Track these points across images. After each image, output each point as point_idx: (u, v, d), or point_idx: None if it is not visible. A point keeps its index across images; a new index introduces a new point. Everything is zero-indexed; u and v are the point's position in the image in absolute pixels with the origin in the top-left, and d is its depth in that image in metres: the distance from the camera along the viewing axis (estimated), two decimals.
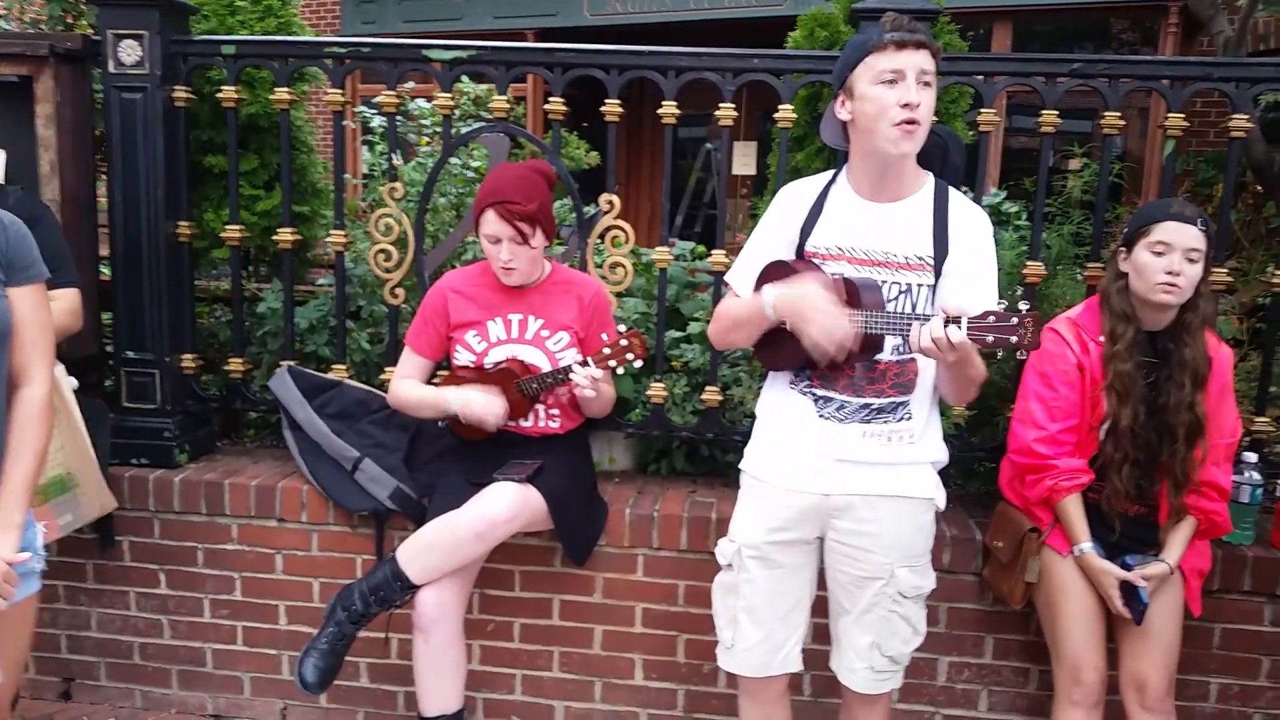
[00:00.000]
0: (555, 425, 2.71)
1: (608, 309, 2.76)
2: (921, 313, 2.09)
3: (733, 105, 2.88)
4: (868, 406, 2.15)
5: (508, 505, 2.47)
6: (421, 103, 4.47)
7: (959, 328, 1.85)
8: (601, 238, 2.97)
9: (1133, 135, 7.72)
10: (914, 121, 1.99)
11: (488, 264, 2.66)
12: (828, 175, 2.24)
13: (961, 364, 1.95)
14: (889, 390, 2.14)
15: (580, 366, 2.53)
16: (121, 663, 3.08)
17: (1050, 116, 2.79)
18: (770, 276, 2.19)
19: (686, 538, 2.81)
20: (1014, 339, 1.82)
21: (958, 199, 2.16)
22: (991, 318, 1.84)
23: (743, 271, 2.28)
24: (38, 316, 1.93)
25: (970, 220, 2.15)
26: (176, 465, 3.03)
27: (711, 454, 3.19)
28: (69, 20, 3.86)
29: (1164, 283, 2.28)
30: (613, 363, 2.54)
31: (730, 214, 8.50)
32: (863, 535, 2.18)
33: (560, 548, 2.80)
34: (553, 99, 2.95)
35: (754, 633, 2.27)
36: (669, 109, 2.90)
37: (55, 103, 2.92)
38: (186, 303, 3.12)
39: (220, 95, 3.04)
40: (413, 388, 2.73)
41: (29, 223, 2.47)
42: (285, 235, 3.10)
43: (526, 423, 2.68)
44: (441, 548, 2.47)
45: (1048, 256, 3.13)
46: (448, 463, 2.76)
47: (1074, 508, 2.40)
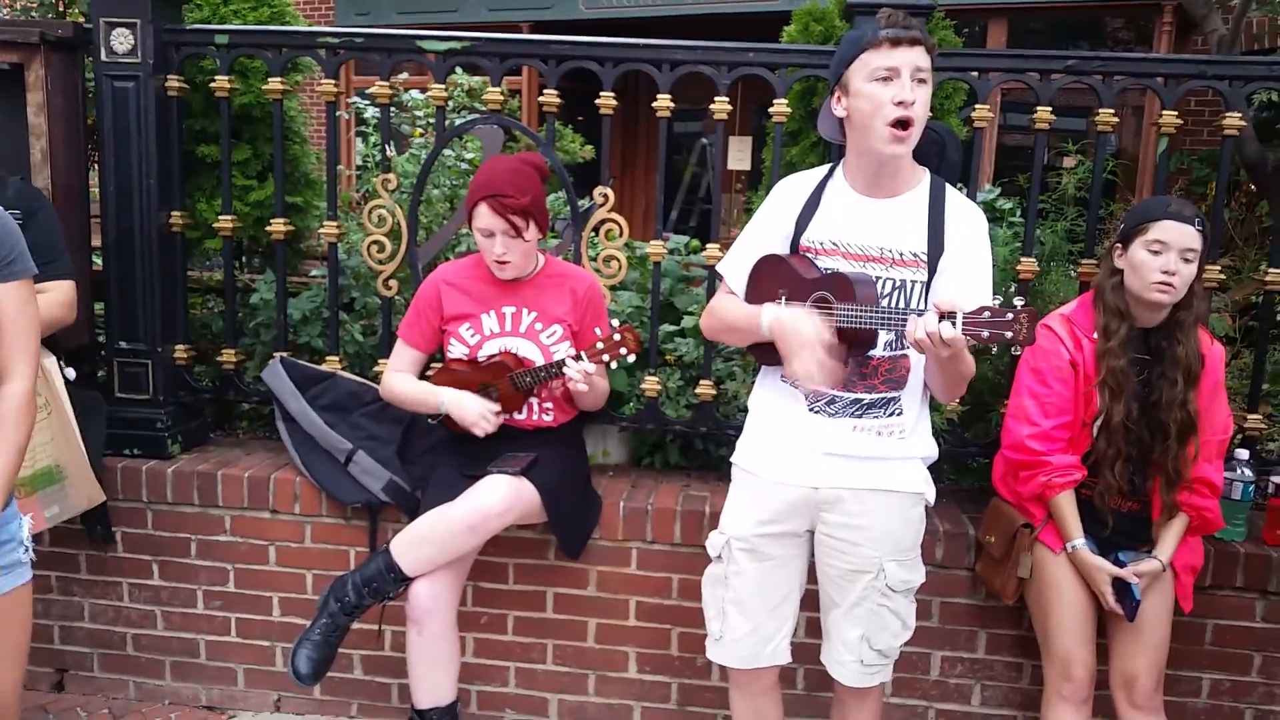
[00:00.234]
0: (549, 419, 2.70)
1: (601, 302, 2.75)
2: (915, 309, 2.09)
3: (727, 99, 2.88)
4: (859, 401, 2.15)
5: (501, 498, 2.47)
6: (415, 94, 4.45)
7: (953, 323, 1.85)
8: (596, 231, 2.96)
9: (1127, 133, 7.73)
10: (908, 122, 1.99)
11: (481, 256, 2.65)
12: (824, 170, 2.24)
13: (953, 360, 1.95)
14: (880, 385, 2.15)
15: (574, 360, 2.53)
16: (114, 654, 3.08)
17: (1044, 113, 2.79)
18: (764, 270, 2.19)
19: (680, 531, 2.81)
20: (1009, 334, 1.82)
21: (954, 196, 2.16)
22: (986, 313, 1.84)
23: (735, 263, 2.28)
24: (23, 312, 1.91)
25: (966, 217, 2.14)
26: (169, 456, 3.02)
27: (705, 448, 3.19)
28: (61, 8, 3.85)
29: (1159, 282, 2.28)
30: (606, 357, 2.54)
31: (725, 208, 8.50)
32: (852, 529, 2.19)
33: (554, 541, 2.80)
34: (547, 91, 2.94)
35: (742, 624, 2.27)
36: (663, 102, 2.89)
37: (47, 91, 2.90)
38: (179, 293, 3.11)
39: (213, 85, 3.02)
40: (406, 382, 2.72)
41: (27, 214, 2.47)
42: (278, 226, 3.09)
43: (520, 416, 2.68)
44: (435, 540, 2.46)
45: (1041, 253, 3.13)
46: (441, 455, 2.75)
47: (1067, 504, 2.40)
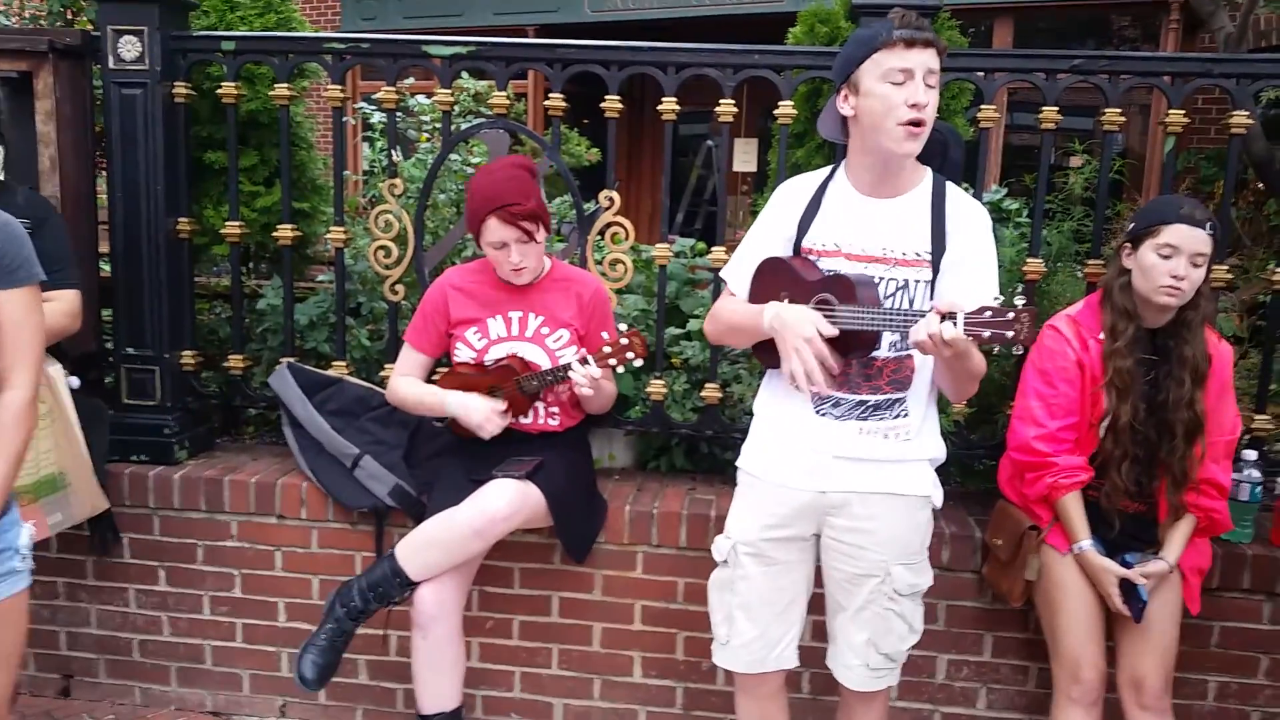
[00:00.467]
0: (554, 423, 2.70)
1: (608, 307, 2.75)
2: (918, 309, 2.09)
3: (733, 101, 2.88)
4: (864, 403, 2.14)
5: (507, 502, 2.47)
6: (421, 99, 4.47)
7: (954, 323, 1.85)
8: (602, 234, 2.97)
9: (1134, 132, 7.71)
10: (920, 122, 1.99)
11: (487, 261, 2.65)
12: (825, 172, 2.23)
13: (960, 359, 1.94)
14: (885, 387, 2.14)
15: (580, 364, 2.53)
16: (121, 659, 3.08)
17: (1050, 113, 2.78)
18: (766, 274, 2.19)
19: (686, 535, 2.81)
20: (1010, 334, 1.80)
21: (956, 194, 2.15)
22: (988, 313, 1.82)
23: (738, 268, 2.27)
24: (27, 320, 1.91)
25: (969, 215, 2.14)
26: (176, 462, 3.03)
27: (711, 451, 3.19)
28: (69, 16, 3.86)
29: (1168, 286, 2.27)
30: (613, 361, 2.54)
31: (731, 211, 8.50)
32: (859, 532, 2.18)
33: (559, 545, 2.79)
34: (553, 95, 2.95)
35: (749, 629, 2.27)
36: (669, 105, 2.89)
37: (55, 99, 2.91)
38: (186, 299, 3.13)
39: (220, 91, 3.03)
40: (413, 386, 2.72)
41: (36, 223, 2.48)
42: (285, 231, 3.10)
43: (526, 420, 2.68)
44: (440, 544, 2.47)
45: (1048, 253, 3.13)
46: (447, 460, 2.76)
47: (1073, 505, 2.39)
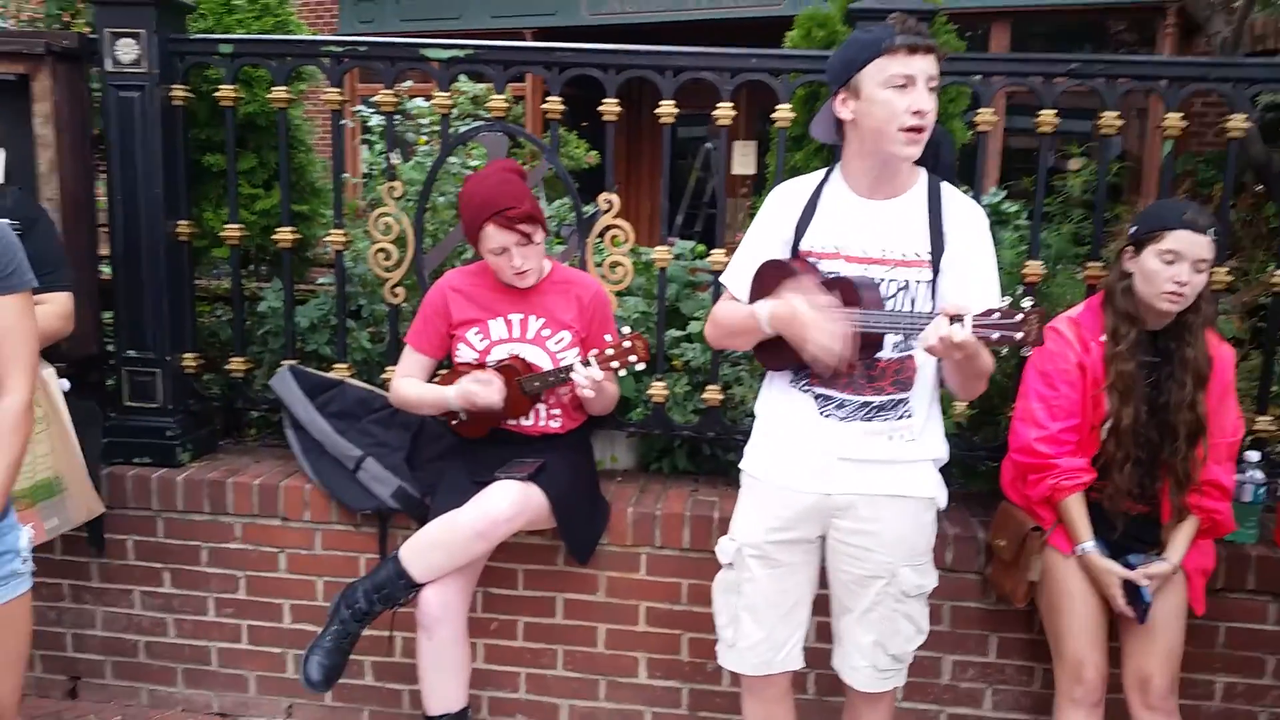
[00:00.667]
0: (556, 425, 2.70)
1: (608, 309, 2.75)
2: (920, 309, 2.09)
3: (731, 105, 2.88)
4: (868, 404, 2.14)
5: (510, 503, 2.47)
6: (420, 102, 4.46)
7: (963, 325, 1.85)
8: (601, 237, 2.97)
9: (1132, 136, 7.73)
10: (923, 129, 2.00)
11: (487, 263, 2.65)
12: (820, 174, 2.23)
13: (969, 360, 1.94)
14: (889, 388, 2.14)
15: (582, 366, 2.53)
16: (127, 661, 3.08)
17: (1048, 116, 2.79)
18: (766, 276, 2.18)
19: (689, 536, 2.81)
20: (1019, 335, 1.81)
21: (950, 193, 2.16)
22: (996, 314, 1.83)
23: (737, 272, 2.27)
24: (21, 325, 1.90)
25: (965, 214, 2.14)
26: (179, 464, 3.03)
27: (713, 453, 3.19)
28: (66, 19, 3.85)
29: (1170, 292, 2.27)
30: (615, 364, 2.54)
31: (730, 213, 8.50)
32: (864, 534, 2.18)
33: (563, 546, 2.80)
34: (550, 98, 2.95)
35: (755, 631, 2.27)
36: (667, 108, 2.89)
37: (53, 101, 2.90)
38: (187, 302, 3.12)
39: (218, 94, 3.03)
40: (414, 385, 2.72)
41: (25, 225, 2.47)
42: (285, 234, 3.10)
43: (527, 422, 2.68)
44: (444, 546, 2.46)
45: (1047, 256, 3.13)
46: (450, 461, 2.76)
47: (1076, 507, 2.39)
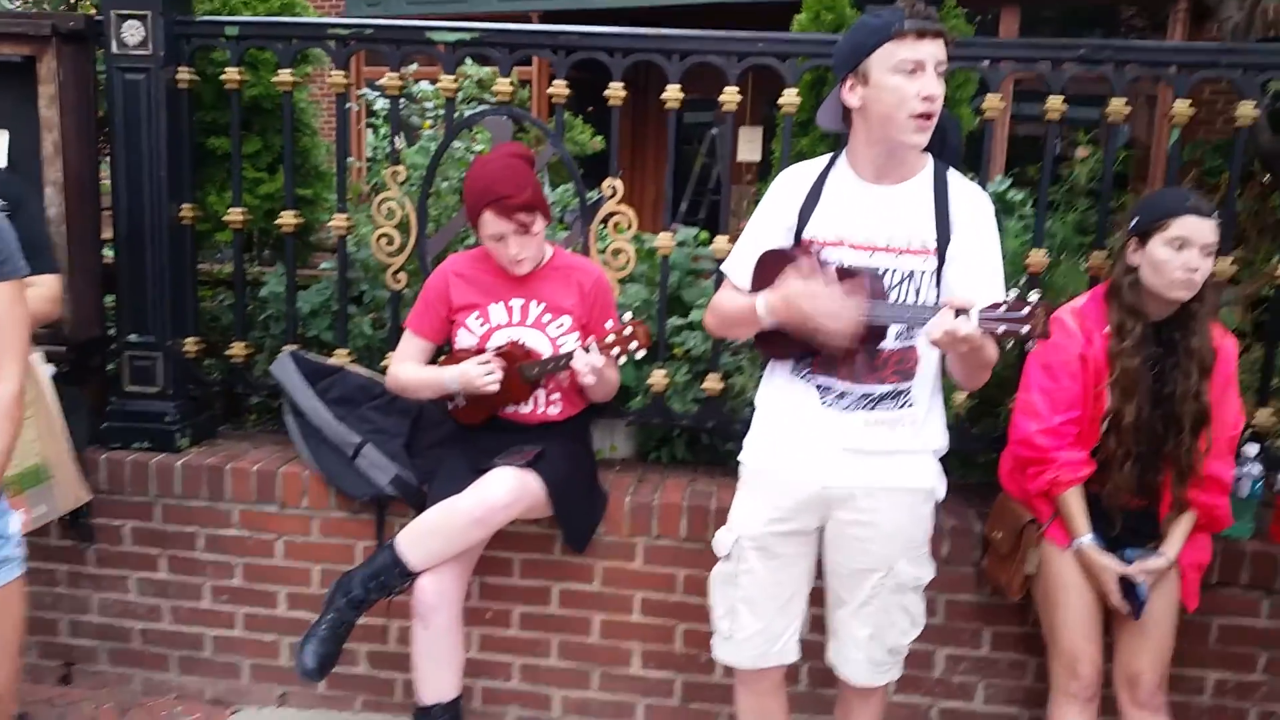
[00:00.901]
0: (555, 411, 2.70)
1: (609, 295, 2.75)
2: (925, 299, 2.08)
3: (737, 89, 2.86)
4: (870, 394, 2.14)
5: (507, 490, 2.47)
6: (425, 85, 4.45)
7: (968, 318, 1.84)
8: (604, 223, 2.96)
9: (1140, 123, 7.67)
10: (932, 115, 1.98)
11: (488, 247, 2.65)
12: (825, 160, 2.21)
13: (974, 352, 1.93)
14: (891, 377, 2.13)
15: (583, 352, 2.52)
16: (121, 647, 3.09)
17: (1055, 103, 2.76)
18: (768, 265, 2.17)
19: (686, 527, 2.81)
20: (1025, 329, 1.81)
21: (957, 180, 2.14)
22: (1003, 307, 1.82)
23: (739, 261, 2.26)
24: (12, 313, 1.90)
25: (972, 201, 2.12)
26: (178, 449, 3.03)
27: (712, 443, 3.19)
28: (72, 0, 3.85)
29: (1182, 279, 2.26)
30: (615, 350, 2.53)
31: (735, 200, 8.47)
32: (863, 526, 2.18)
33: (560, 535, 2.80)
34: (556, 82, 2.93)
35: (752, 623, 2.27)
36: (672, 93, 2.88)
37: (58, 83, 2.90)
38: (189, 286, 3.12)
39: (223, 77, 3.02)
40: (413, 369, 2.72)
41: (12, 206, 2.46)
42: (288, 218, 3.09)
43: (526, 408, 2.68)
44: (441, 533, 2.47)
45: (1052, 244, 3.11)
46: (448, 449, 2.76)
47: (1075, 500, 2.39)
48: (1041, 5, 7.88)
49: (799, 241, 2.16)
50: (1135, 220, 2.37)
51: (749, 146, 9.02)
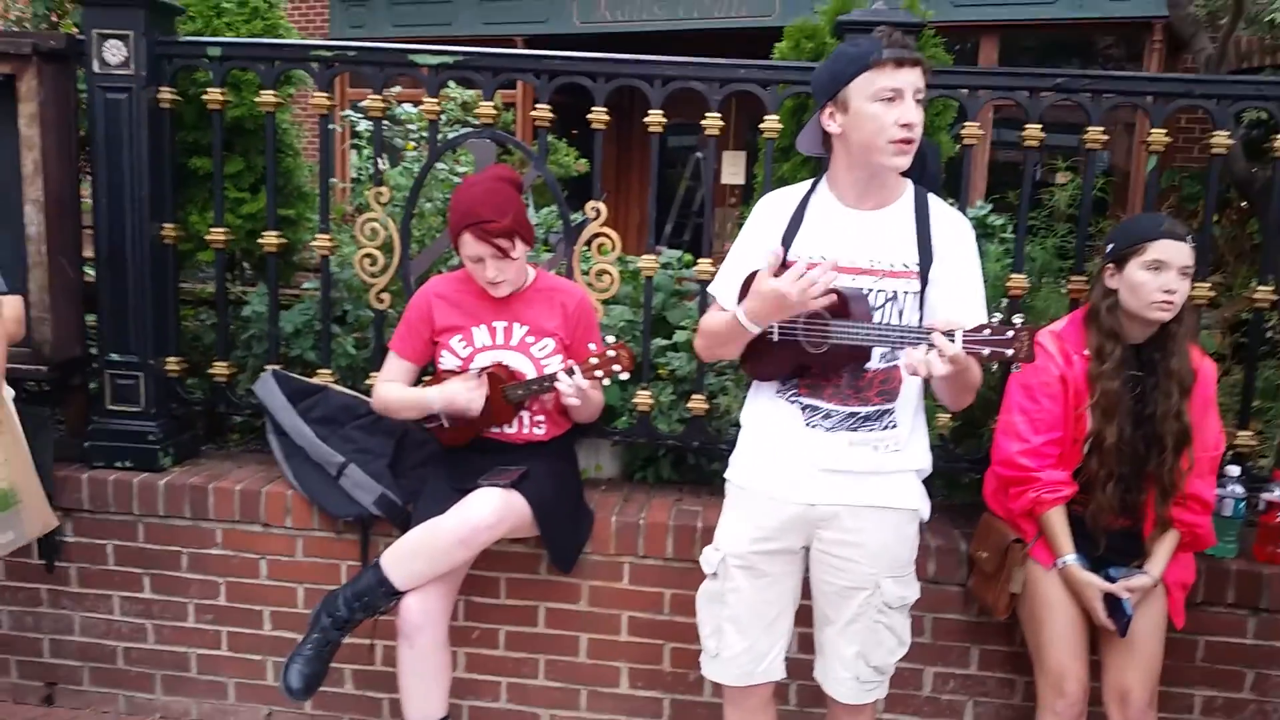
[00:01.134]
0: (540, 432, 2.70)
1: (592, 317, 2.75)
2: (909, 321, 2.10)
3: (719, 115, 2.89)
4: (855, 415, 2.15)
5: (492, 510, 2.46)
6: (408, 107, 4.46)
7: (953, 341, 1.86)
8: (588, 245, 2.97)
9: (1119, 150, 7.78)
10: (912, 140, 2.00)
11: None
12: (807, 184, 2.23)
13: (958, 374, 1.95)
14: (875, 398, 2.14)
15: (566, 375, 2.53)
16: (105, 667, 3.05)
17: (1034, 130, 2.80)
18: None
19: (672, 546, 2.80)
20: (1009, 351, 1.83)
21: (937, 204, 2.17)
22: (987, 330, 1.85)
23: (725, 283, 2.26)
24: None
25: (953, 225, 2.15)
26: (161, 469, 3.01)
27: (697, 462, 3.19)
28: (54, 19, 3.83)
29: (1160, 300, 2.29)
30: (599, 372, 2.54)
31: (719, 223, 8.52)
32: (848, 545, 2.18)
33: (546, 555, 2.79)
34: (539, 106, 2.95)
35: (738, 642, 2.26)
36: (655, 117, 2.90)
37: (39, 102, 2.89)
38: (171, 305, 3.11)
39: (206, 97, 3.02)
40: (396, 390, 2.71)
41: None
42: (270, 238, 3.09)
43: (511, 429, 2.67)
44: (425, 553, 2.46)
45: (1031, 269, 3.14)
46: (433, 469, 2.75)
47: (1058, 520, 2.40)
48: (1021, 35, 7.99)
49: (784, 264, 2.17)
50: (1112, 246, 2.40)
51: (732, 170, 9.08)
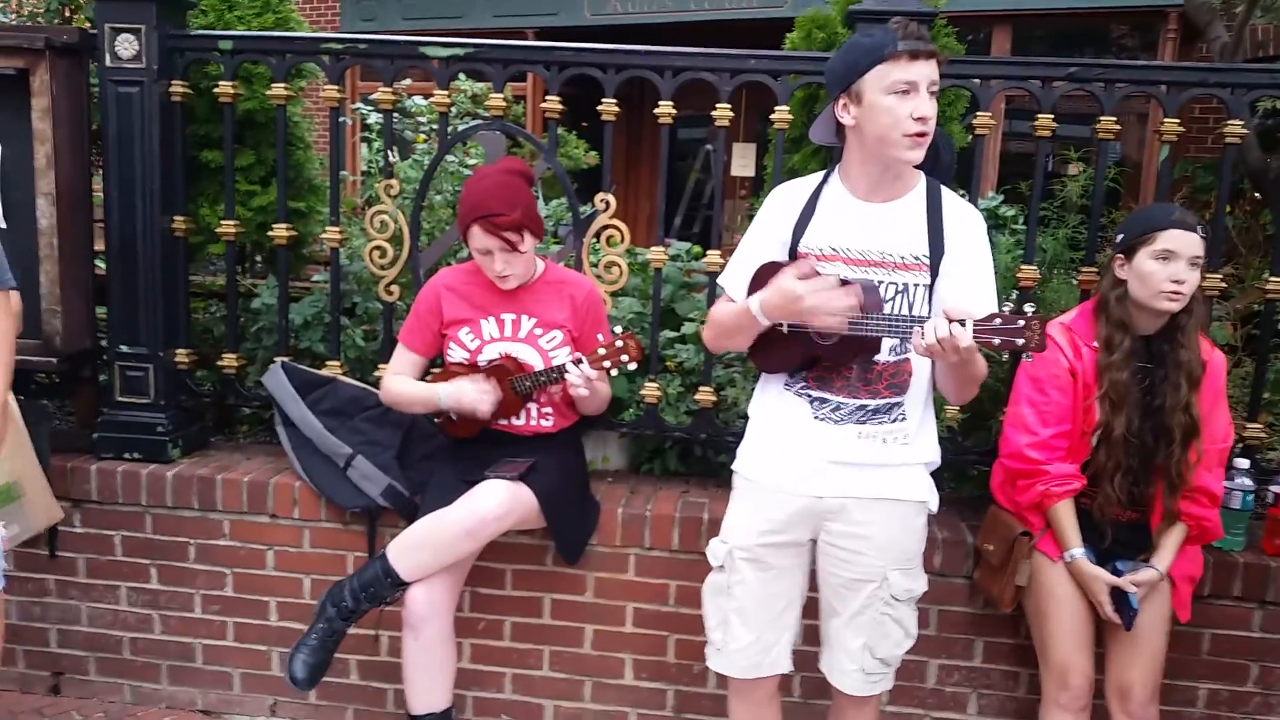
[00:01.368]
0: (548, 424, 2.70)
1: (601, 309, 2.75)
2: (919, 313, 2.09)
3: (729, 106, 2.88)
4: (864, 408, 2.14)
5: (499, 502, 2.47)
6: (419, 100, 4.46)
7: (964, 329, 1.85)
8: (597, 237, 2.97)
9: (1131, 140, 7.73)
10: (926, 133, 2.00)
11: None
12: (819, 176, 2.23)
13: (964, 364, 1.95)
14: (884, 391, 2.14)
15: (575, 365, 2.53)
16: (111, 657, 3.08)
17: (1046, 120, 2.79)
18: (765, 278, 2.17)
19: (678, 538, 2.80)
20: (1020, 341, 1.83)
21: (950, 197, 2.16)
22: (998, 320, 1.85)
23: (735, 274, 2.27)
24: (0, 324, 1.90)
25: (965, 218, 2.15)
26: (169, 460, 3.03)
27: (704, 454, 3.19)
28: (66, 13, 3.86)
29: (1170, 290, 2.28)
30: (607, 363, 2.54)
31: (728, 215, 8.51)
32: (856, 538, 2.18)
33: (552, 546, 2.79)
34: (549, 97, 2.95)
35: (744, 634, 2.27)
36: (665, 109, 2.90)
37: (51, 96, 2.90)
38: (181, 298, 3.12)
39: (217, 90, 3.03)
40: (405, 383, 2.72)
41: None
42: (280, 231, 3.09)
43: (519, 421, 2.68)
44: (432, 545, 2.46)
45: (1043, 260, 3.13)
46: (440, 460, 2.76)
47: (1065, 513, 2.39)
48: (1033, 24, 7.94)
49: (794, 256, 2.17)
50: (1122, 236, 2.39)
51: (742, 162, 9.06)
